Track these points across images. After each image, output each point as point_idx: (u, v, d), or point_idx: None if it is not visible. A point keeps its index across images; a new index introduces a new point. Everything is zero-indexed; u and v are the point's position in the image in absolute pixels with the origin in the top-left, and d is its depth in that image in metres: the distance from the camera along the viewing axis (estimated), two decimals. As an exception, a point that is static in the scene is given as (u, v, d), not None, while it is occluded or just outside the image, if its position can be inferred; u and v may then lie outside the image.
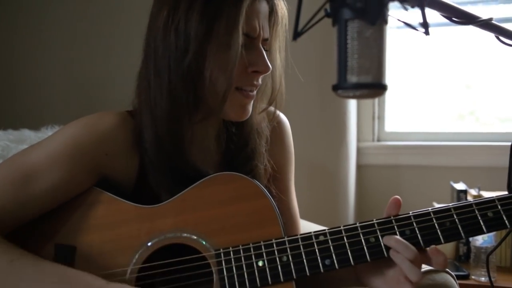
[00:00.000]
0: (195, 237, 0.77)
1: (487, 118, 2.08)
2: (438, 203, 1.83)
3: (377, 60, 0.55)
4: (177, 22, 0.78)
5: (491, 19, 0.83)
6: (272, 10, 0.85)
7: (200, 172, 0.83)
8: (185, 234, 0.77)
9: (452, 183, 1.84)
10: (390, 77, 2.07)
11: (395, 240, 0.73)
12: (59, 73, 2.25)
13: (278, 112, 0.98)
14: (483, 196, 1.72)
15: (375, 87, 0.55)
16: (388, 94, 2.13)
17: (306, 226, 1.20)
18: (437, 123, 2.11)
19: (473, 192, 1.75)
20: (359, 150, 2.08)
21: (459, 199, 1.73)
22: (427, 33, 0.56)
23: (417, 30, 0.56)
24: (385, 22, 0.53)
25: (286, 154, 1.00)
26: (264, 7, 0.83)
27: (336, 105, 1.91)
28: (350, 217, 1.99)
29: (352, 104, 1.98)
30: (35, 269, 0.72)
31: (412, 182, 2.05)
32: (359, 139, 2.09)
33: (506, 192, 1.87)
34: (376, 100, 2.14)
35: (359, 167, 2.07)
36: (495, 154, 1.96)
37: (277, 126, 0.98)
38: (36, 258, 0.74)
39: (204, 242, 0.77)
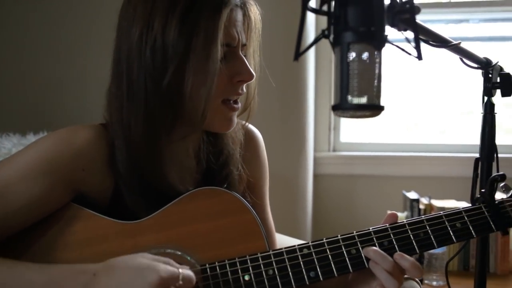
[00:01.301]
0: (180, 253, 0.76)
1: (436, 130, 2.19)
2: (392, 211, 1.91)
3: (376, 82, 0.57)
4: (153, 39, 0.75)
5: (459, 43, 0.89)
6: (245, 15, 0.85)
7: (179, 191, 0.82)
8: (169, 250, 0.76)
9: (404, 192, 1.93)
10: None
11: (373, 251, 0.76)
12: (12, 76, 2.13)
13: (252, 127, 0.99)
14: (433, 205, 1.82)
15: (374, 108, 0.57)
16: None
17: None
18: (389, 134, 2.21)
19: (424, 201, 1.84)
20: (315, 160, 2.13)
21: (412, 207, 1.82)
22: (420, 57, 0.59)
23: (410, 54, 0.59)
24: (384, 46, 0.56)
25: (261, 168, 1.00)
26: (239, 14, 0.82)
27: (296, 116, 1.95)
28: (308, 226, 2.03)
29: (310, 114, 2.03)
30: (11, 275, 0.69)
31: (366, 191, 2.13)
32: (315, 149, 2.14)
33: (454, 201, 1.96)
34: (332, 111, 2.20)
35: (315, 176, 2.12)
36: (444, 164, 2.08)
37: (252, 141, 0.98)
38: (10, 265, 0.71)
39: (189, 258, 0.76)
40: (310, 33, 1.98)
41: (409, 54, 0.60)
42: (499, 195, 0.90)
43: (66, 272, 0.70)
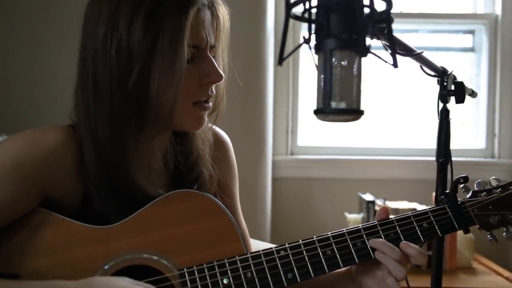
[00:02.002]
0: (156, 258, 0.75)
1: (391, 133, 2.28)
2: (349, 213, 1.97)
3: (356, 87, 0.59)
4: (117, 40, 0.74)
5: (422, 52, 0.94)
6: (213, 15, 0.84)
7: (149, 194, 0.80)
8: (145, 255, 0.75)
9: (360, 194, 2.00)
10: (301, 95, 2.21)
11: (382, 243, 0.79)
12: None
13: (219, 129, 0.99)
14: (388, 206, 1.89)
15: (355, 113, 0.59)
16: (300, 109, 2.25)
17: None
18: (345, 138, 2.27)
19: (379, 202, 1.91)
20: (274, 163, 2.15)
21: (368, 209, 1.88)
22: (396, 65, 0.62)
23: (386, 62, 0.62)
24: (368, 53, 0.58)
25: (231, 169, 1.01)
26: (207, 15, 0.82)
27: (256, 119, 1.97)
28: (267, 229, 2.05)
29: (269, 118, 2.05)
30: None
31: (323, 194, 2.18)
32: (274, 153, 2.17)
33: (407, 202, 2.04)
34: (290, 115, 2.24)
35: (274, 179, 2.15)
36: (397, 167, 2.18)
37: (220, 142, 0.98)
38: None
39: (166, 262, 0.75)
40: (271, 38, 2.01)
41: (386, 62, 0.62)
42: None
43: None
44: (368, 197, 1.93)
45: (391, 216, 0.86)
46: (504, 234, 0.93)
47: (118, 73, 0.75)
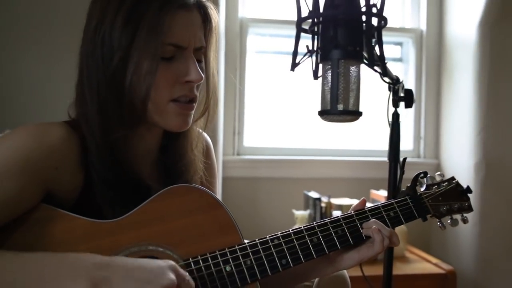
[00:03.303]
0: (162, 249, 0.78)
1: (332, 135, 2.44)
2: (297, 210, 2.09)
3: (357, 92, 0.69)
4: (103, 33, 0.79)
5: (387, 62, 1.07)
6: (206, 19, 0.87)
7: (142, 183, 0.85)
8: (151, 247, 0.78)
9: (306, 192, 2.13)
10: (248, 97, 2.29)
11: (374, 221, 0.90)
12: None
13: (205, 134, 1.04)
14: (332, 203, 2.03)
15: (356, 114, 0.69)
16: (246, 111, 2.34)
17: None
18: (289, 139, 2.39)
19: (325, 199, 2.05)
20: (223, 164, 2.22)
21: (314, 205, 2.01)
22: (384, 74, 0.72)
23: (376, 71, 0.72)
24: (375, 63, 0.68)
25: (214, 170, 1.06)
26: (195, 16, 0.84)
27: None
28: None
29: (220, 119, 2.11)
30: (22, 262, 0.67)
31: (270, 192, 2.28)
32: (222, 153, 2.23)
33: (348, 199, 2.19)
34: (237, 116, 2.32)
35: (223, 179, 2.21)
36: (337, 167, 2.34)
37: (208, 148, 1.03)
38: (15, 254, 0.68)
39: (171, 253, 0.78)
40: (221, 43, 2.07)
41: (376, 71, 0.73)
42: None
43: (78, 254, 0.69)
44: (314, 194, 2.06)
45: (364, 208, 0.96)
46: (449, 221, 1.07)
47: (102, 64, 0.79)
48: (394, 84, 1.20)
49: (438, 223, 1.06)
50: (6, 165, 0.72)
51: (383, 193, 2.05)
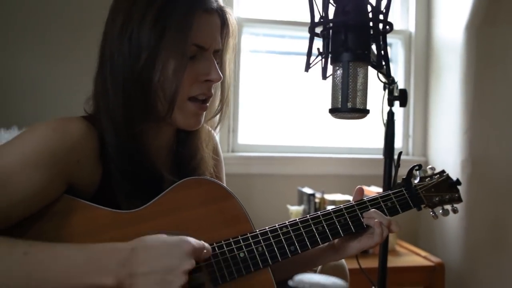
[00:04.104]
0: None
1: (325, 133, 2.51)
2: (291, 205, 2.15)
3: (365, 91, 0.75)
4: (130, 31, 0.84)
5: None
6: (224, 24, 0.92)
7: (157, 175, 0.89)
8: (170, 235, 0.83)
9: (300, 188, 2.19)
10: (244, 96, 2.35)
11: (375, 211, 0.96)
12: None
13: (211, 130, 1.09)
14: (326, 199, 2.09)
15: (364, 112, 0.75)
16: (241, 109, 2.39)
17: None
18: (283, 137, 2.46)
19: (318, 195, 2.11)
20: (218, 160, 2.27)
21: (308, 201, 2.07)
22: (389, 75, 0.79)
23: (381, 72, 0.79)
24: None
25: (222, 168, 1.12)
26: (216, 20, 0.89)
27: (205, 118, 2.06)
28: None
29: (216, 118, 2.16)
30: (52, 255, 0.70)
31: (264, 189, 2.34)
32: (218, 150, 2.29)
33: (340, 194, 2.26)
34: (231, 114, 2.37)
35: (218, 176, 2.26)
36: (332, 164, 2.41)
37: (216, 145, 1.09)
38: (46, 246, 0.71)
39: None
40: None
41: (381, 72, 0.79)
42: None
43: (104, 249, 0.73)
44: (308, 190, 2.13)
45: (364, 198, 1.03)
46: (440, 211, 1.14)
47: (129, 60, 0.83)
48: (390, 84, 1.28)
49: (431, 213, 1.13)
50: (33, 158, 0.77)
51: (375, 189, 2.12)
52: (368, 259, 1.83)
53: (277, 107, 2.46)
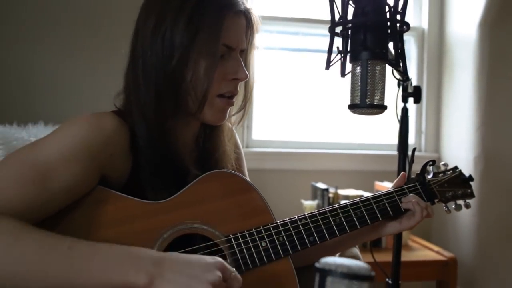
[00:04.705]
0: (206, 227, 0.88)
1: (341, 129, 2.54)
2: (305, 200, 2.19)
3: (382, 88, 0.79)
4: (163, 31, 0.88)
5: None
6: (249, 24, 0.96)
7: (183, 168, 0.93)
8: (196, 225, 0.88)
9: (313, 183, 2.23)
10: (258, 93, 2.39)
11: (413, 196, 1.03)
12: None
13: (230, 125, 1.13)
14: (339, 194, 2.12)
15: (381, 108, 0.79)
16: (255, 106, 2.43)
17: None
18: (296, 132, 2.50)
19: (332, 190, 2.15)
20: (232, 156, 2.31)
21: (322, 196, 2.11)
22: (406, 73, 0.82)
23: (398, 70, 0.82)
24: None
25: (243, 161, 1.16)
26: (242, 21, 0.93)
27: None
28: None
29: (231, 114, 2.20)
30: (94, 250, 0.74)
31: (278, 184, 2.38)
32: (232, 146, 2.33)
33: (353, 190, 2.29)
34: (246, 111, 2.41)
35: (233, 171, 2.30)
36: (345, 160, 2.44)
37: (236, 140, 1.13)
38: (88, 243, 0.75)
39: (213, 231, 0.88)
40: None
41: (398, 70, 0.83)
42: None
43: (140, 250, 0.75)
44: (322, 185, 2.16)
45: (379, 192, 1.06)
46: (453, 206, 1.17)
47: (162, 59, 0.88)
48: (405, 80, 1.31)
49: (444, 207, 1.16)
50: (73, 152, 0.81)
51: (387, 184, 2.15)
52: (382, 253, 1.86)
53: (290, 104, 2.50)
